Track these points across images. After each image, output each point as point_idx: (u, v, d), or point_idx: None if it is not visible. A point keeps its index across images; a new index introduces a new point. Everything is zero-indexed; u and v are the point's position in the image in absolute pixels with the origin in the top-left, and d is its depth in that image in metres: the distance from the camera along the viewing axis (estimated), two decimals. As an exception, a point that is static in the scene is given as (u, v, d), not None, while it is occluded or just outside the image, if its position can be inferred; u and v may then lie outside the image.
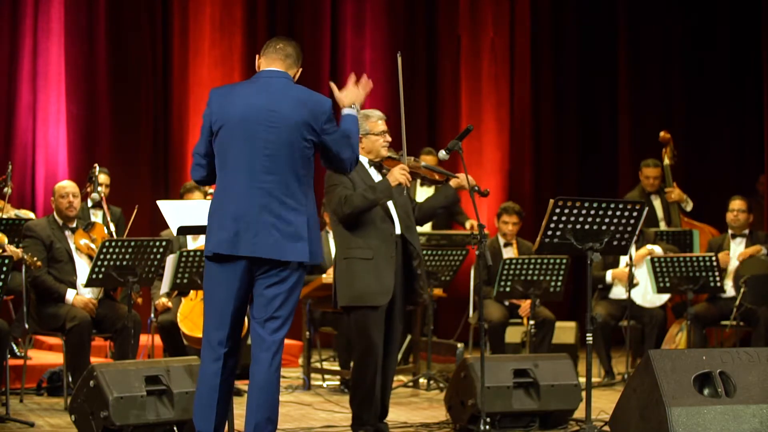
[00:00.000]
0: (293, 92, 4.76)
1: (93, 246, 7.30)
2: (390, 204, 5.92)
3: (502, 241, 8.92)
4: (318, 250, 4.77)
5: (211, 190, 6.45)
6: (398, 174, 5.81)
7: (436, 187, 7.97)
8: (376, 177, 5.97)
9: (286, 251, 4.66)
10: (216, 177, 4.80)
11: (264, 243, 4.65)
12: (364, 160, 5.97)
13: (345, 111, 4.94)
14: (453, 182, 6.10)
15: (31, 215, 8.44)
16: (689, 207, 9.80)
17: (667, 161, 9.79)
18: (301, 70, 4.90)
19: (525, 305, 8.44)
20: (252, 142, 4.67)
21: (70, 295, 7.19)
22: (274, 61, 4.82)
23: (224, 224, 4.68)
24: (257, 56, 4.90)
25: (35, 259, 7.00)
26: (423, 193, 9.15)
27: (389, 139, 6.01)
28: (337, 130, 4.81)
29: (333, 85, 5.06)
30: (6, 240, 7.04)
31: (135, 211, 8.24)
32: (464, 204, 9.71)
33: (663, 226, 9.60)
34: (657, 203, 9.71)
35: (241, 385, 7.10)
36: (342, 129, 4.85)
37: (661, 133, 9.91)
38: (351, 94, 4.95)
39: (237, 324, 4.78)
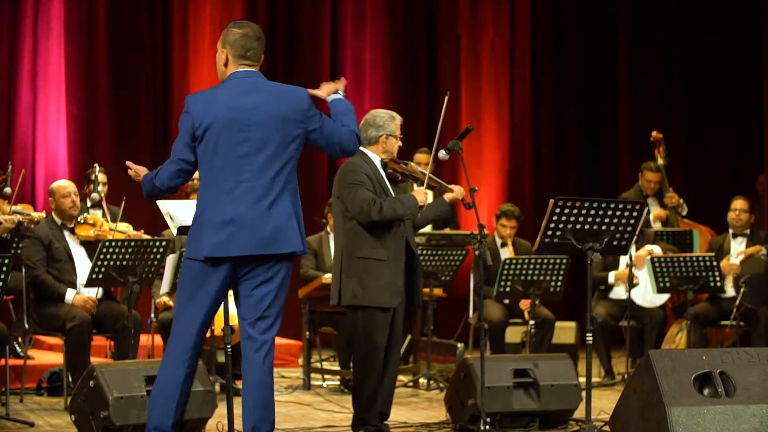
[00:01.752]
0: (268, 89, 4.77)
1: (98, 230, 7.31)
2: None
3: (499, 242, 8.92)
4: (305, 242, 4.81)
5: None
6: (423, 196, 5.99)
7: (434, 193, 8.00)
8: (384, 176, 6.08)
9: (280, 244, 4.67)
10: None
11: (259, 239, 4.65)
12: (376, 158, 6.07)
13: (331, 98, 4.95)
14: (447, 196, 6.18)
15: (31, 211, 8.40)
16: (684, 211, 9.81)
17: (660, 161, 9.79)
18: (263, 54, 4.86)
19: (526, 300, 8.43)
20: (237, 142, 4.68)
21: (70, 294, 7.19)
22: (242, 59, 4.79)
23: (216, 225, 4.66)
24: (223, 49, 4.79)
25: (30, 215, 7.01)
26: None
27: (401, 143, 6.17)
28: (328, 118, 4.83)
29: (310, 91, 4.99)
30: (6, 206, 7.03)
31: (123, 203, 8.01)
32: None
33: (658, 227, 9.61)
34: (654, 205, 9.71)
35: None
36: (341, 109, 4.88)
37: (653, 133, 9.92)
38: (328, 87, 4.98)
39: (210, 324, 4.85)
